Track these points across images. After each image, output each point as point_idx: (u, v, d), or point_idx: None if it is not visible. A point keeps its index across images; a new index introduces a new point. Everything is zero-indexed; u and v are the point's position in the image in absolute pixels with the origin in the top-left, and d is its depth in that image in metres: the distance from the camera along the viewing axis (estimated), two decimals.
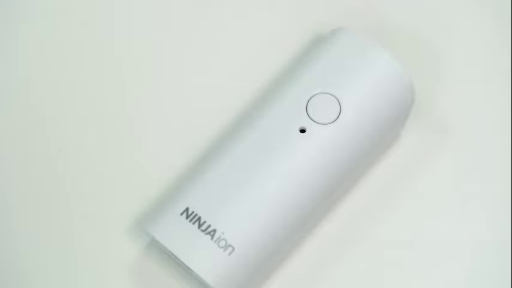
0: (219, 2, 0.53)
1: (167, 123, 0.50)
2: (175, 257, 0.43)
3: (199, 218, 0.43)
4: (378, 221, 0.47)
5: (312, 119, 0.44)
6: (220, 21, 0.52)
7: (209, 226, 0.42)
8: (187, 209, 0.43)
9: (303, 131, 0.44)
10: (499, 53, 0.51)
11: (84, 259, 0.46)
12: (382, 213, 0.48)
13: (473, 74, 0.51)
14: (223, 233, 0.42)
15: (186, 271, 0.45)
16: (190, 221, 0.43)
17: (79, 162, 0.49)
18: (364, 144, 0.45)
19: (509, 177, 0.48)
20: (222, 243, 0.42)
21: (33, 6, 0.52)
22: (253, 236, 0.43)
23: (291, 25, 0.52)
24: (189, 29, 0.52)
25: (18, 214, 0.47)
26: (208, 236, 0.42)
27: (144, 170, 0.48)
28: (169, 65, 0.51)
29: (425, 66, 0.51)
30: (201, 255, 0.42)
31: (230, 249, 0.42)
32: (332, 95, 0.45)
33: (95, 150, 0.49)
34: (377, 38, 0.46)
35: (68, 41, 0.52)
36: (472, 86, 0.51)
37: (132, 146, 0.49)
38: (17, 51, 0.51)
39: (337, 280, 0.46)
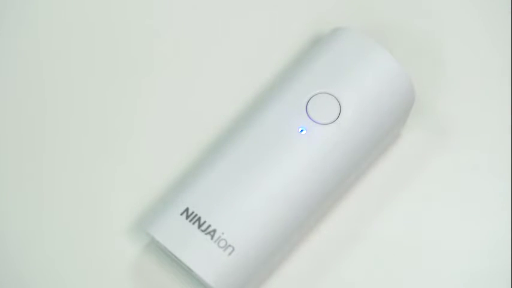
0: (218, 1, 0.53)
1: (167, 123, 0.50)
2: (175, 257, 0.43)
3: (199, 218, 0.43)
4: (377, 220, 0.47)
5: (312, 119, 0.44)
6: (219, 21, 0.52)
7: (209, 226, 0.42)
8: (187, 209, 0.43)
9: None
10: (500, 53, 0.51)
11: (84, 259, 0.46)
12: (381, 213, 0.48)
13: (474, 74, 0.51)
14: (223, 233, 0.42)
15: (186, 271, 0.45)
16: (190, 221, 0.43)
17: (79, 162, 0.49)
18: (364, 144, 0.45)
19: (509, 177, 0.48)
20: (222, 243, 0.42)
21: (42, 7, 0.52)
22: (253, 235, 0.43)
23: (291, 25, 0.52)
24: (189, 28, 0.52)
25: (17, 214, 0.47)
26: (208, 236, 0.42)
27: (144, 170, 0.48)
28: (168, 66, 0.51)
29: (425, 66, 0.51)
30: (201, 255, 0.42)
31: (230, 249, 0.42)
32: (332, 95, 0.45)
33: (95, 150, 0.49)
34: (377, 38, 0.46)
35: (64, 42, 0.52)
36: (472, 86, 0.51)
37: (132, 146, 0.49)
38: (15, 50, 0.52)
39: (337, 279, 0.46)
